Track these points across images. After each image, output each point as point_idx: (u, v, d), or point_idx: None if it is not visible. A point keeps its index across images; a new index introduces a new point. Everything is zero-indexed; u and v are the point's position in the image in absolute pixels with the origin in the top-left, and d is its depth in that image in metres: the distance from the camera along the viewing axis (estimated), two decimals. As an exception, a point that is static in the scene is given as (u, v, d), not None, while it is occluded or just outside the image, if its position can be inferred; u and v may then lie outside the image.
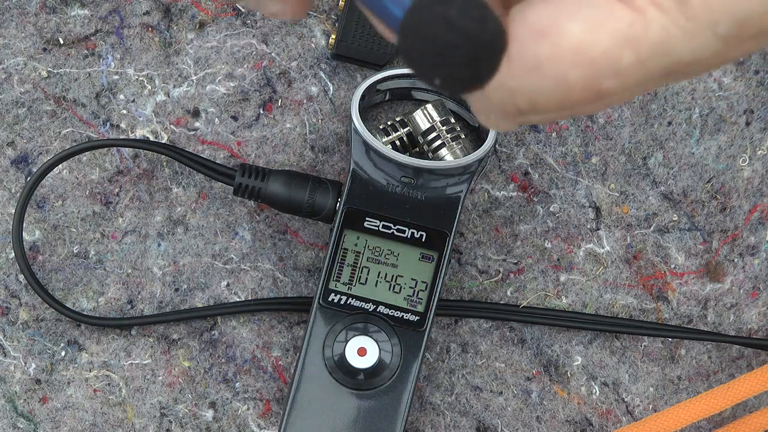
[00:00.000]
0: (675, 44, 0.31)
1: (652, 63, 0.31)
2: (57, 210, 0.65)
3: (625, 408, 0.65)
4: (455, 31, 0.30)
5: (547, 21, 0.31)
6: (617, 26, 0.31)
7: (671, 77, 0.33)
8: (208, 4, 0.66)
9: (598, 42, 0.31)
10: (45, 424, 0.64)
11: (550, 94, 0.32)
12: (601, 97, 0.32)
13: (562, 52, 0.31)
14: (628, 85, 0.32)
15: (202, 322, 0.64)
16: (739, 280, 0.66)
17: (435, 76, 0.30)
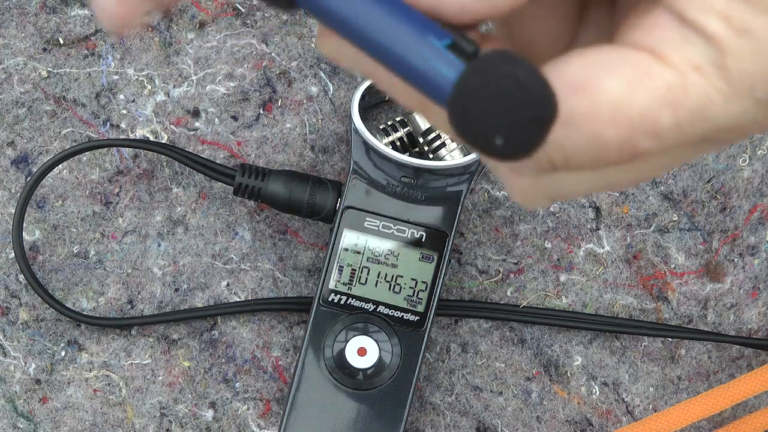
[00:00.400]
0: (714, 108, 0.31)
1: (690, 126, 0.31)
2: (57, 210, 0.65)
3: (625, 408, 0.65)
4: (524, 89, 0.29)
5: (584, 76, 0.31)
6: (656, 86, 0.30)
7: (708, 145, 0.33)
8: (208, 4, 0.66)
9: (636, 100, 0.30)
10: (45, 424, 0.64)
11: (585, 151, 0.31)
12: (636, 158, 0.31)
13: (599, 108, 0.30)
14: (665, 148, 0.31)
15: (202, 322, 0.64)
16: (739, 280, 0.66)
17: (497, 136, 0.29)
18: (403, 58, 0.31)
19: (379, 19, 0.31)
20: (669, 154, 0.33)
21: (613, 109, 0.30)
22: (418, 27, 0.31)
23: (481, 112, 0.29)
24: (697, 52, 0.30)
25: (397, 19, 0.31)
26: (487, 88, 0.29)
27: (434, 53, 0.31)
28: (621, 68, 0.31)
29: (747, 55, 0.30)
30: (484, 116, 0.29)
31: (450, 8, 0.31)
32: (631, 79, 0.30)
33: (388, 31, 0.31)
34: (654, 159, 0.33)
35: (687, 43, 0.30)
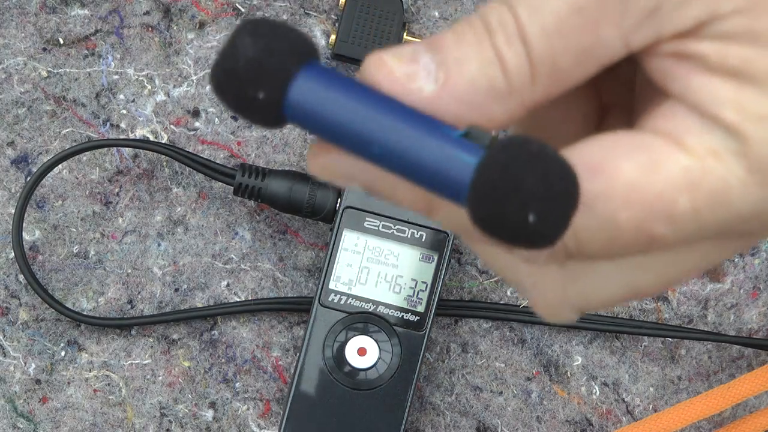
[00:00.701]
0: (733, 195, 0.30)
1: (708, 213, 0.30)
2: (57, 210, 0.65)
3: (625, 408, 0.65)
4: (555, 163, 0.28)
5: (600, 158, 0.30)
6: (673, 170, 0.30)
7: (733, 238, 0.32)
8: (208, 4, 0.66)
9: (652, 184, 0.30)
10: (45, 424, 0.64)
11: (598, 234, 0.30)
12: (651, 244, 0.30)
13: (615, 190, 0.30)
14: (682, 235, 0.30)
15: (202, 322, 0.65)
16: (739, 280, 0.66)
17: (531, 214, 0.28)
18: (413, 153, 0.30)
19: (383, 120, 0.30)
20: (693, 250, 0.32)
21: (628, 191, 0.30)
22: (425, 122, 0.30)
23: (511, 191, 0.28)
24: (715, 139, 0.30)
25: (402, 116, 0.30)
26: (517, 164, 0.28)
27: (450, 143, 0.30)
28: (638, 151, 0.30)
29: (766, 142, 0.30)
30: (514, 194, 0.28)
31: (446, 117, 0.30)
32: (648, 163, 0.30)
33: (395, 129, 0.30)
34: (680, 256, 0.32)
35: (706, 130, 0.30)
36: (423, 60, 0.30)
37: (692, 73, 0.30)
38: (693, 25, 0.30)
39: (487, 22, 0.30)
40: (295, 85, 0.30)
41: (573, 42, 0.30)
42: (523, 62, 0.30)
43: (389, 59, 0.31)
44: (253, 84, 0.30)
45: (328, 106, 0.30)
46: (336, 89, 0.30)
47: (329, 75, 0.30)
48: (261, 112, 0.30)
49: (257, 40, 0.30)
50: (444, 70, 0.30)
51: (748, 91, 0.30)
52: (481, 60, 0.30)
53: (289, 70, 0.30)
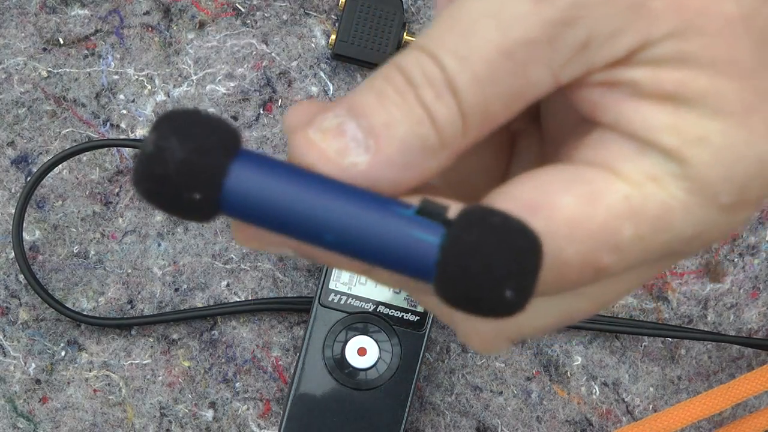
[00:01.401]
0: (676, 218, 0.30)
1: (652, 238, 0.30)
2: (57, 210, 0.65)
3: (625, 408, 0.65)
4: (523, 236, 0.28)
5: (537, 196, 0.29)
6: (614, 199, 0.29)
7: (672, 257, 0.31)
8: (208, 4, 0.66)
9: (594, 215, 0.29)
10: (45, 424, 0.64)
11: (546, 273, 0.29)
12: (599, 277, 0.30)
13: (557, 226, 0.29)
14: (628, 262, 0.30)
15: (202, 322, 0.65)
16: (739, 280, 0.66)
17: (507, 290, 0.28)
18: (370, 239, 0.28)
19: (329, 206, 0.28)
20: (631, 273, 0.31)
21: (571, 225, 0.29)
22: (376, 203, 0.29)
23: (484, 273, 0.27)
24: (653, 164, 0.29)
25: (349, 199, 0.29)
26: (486, 244, 0.27)
27: (407, 224, 0.28)
28: (575, 185, 0.29)
29: (707, 163, 0.29)
30: (488, 275, 0.27)
31: (383, 186, 0.29)
32: (587, 195, 0.29)
33: (345, 214, 0.28)
34: (616, 280, 0.31)
35: (641, 156, 0.29)
36: (349, 130, 0.29)
37: (624, 101, 0.29)
38: (624, 55, 0.29)
39: (409, 76, 0.29)
40: (230, 181, 0.28)
41: (503, 86, 0.29)
42: (454, 115, 0.29)
43: (316, 137, 0.29)
44: (187, 187, 0.28)
45: (269, 197, 0.29)
46: (273, 178, 0.29)
47: (263, 163, 0.29)
48: (196, 211, 0.29)
49: (183, 139, 0.28)
50: (373, 136, 0.29)
51: (684, 114, 0.29)
52: (410, 120, 0.29)
53: (223, 167, 0.28)
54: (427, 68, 0.29)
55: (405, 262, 0.29)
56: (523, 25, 0.28)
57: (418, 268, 0.28)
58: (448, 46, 0.29)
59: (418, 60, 0.29)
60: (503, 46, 0.29)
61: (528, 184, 0.30)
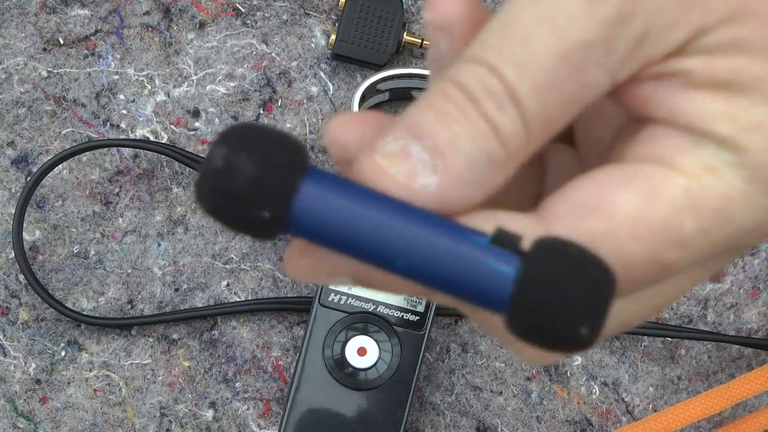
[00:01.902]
0: (737, 209, 0.29)
1: (715, 231, 0.29)
2: (57, 210, 0.65)
3: (625, 408, 0.65)
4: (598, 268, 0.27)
5: (596, 196, 0.29)
6: (674, 194, 0.29)
7: (735, 250, 0.31)
8: (208, 4, 0.66)
9: (656, 211, 0.29)
10: (45, 424, 0.64)
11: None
12: (664, 273, 0.29)
13: (618, 225, 0.29)
14: (693, 257, 0.29)
15: (202, 322, 0.65)
16: (739, 280, 0.66)
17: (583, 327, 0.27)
18: (443, 267, 0.28)
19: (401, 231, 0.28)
20: (697, 269, 0.31)
21: (633, 223, 0.29)
22: (449, 230, 0.28)
23: (562, 307, 0.27)
24: (710, 155, 0.29)
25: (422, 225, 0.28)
26: (563, 277, 0.27)
27: (481, 253, 0.28)
28: (633, 182, 0.29)
29: (764, 149, 0.29)
30: (566, 311, 0.27)
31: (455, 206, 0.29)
32: (646, 191, 0.29)
33: (418, 240, 0.28)
34: (683, 275, 0.31)
35: (698, 148, 0.29)
36: (414, 152, 0.29)
37: (677, 92, 0.29)
38: (679, 46, 0.29)
39: (468, 90, 0.29)
40: (300, 199, 0.28)
41: (563, 92, 0.29)
42: (518, 125, 0.28)
43: (383, 162, 0.29)
44: (256, 205, 0.27)
45: (339, 217, 0.28)
46: (344, 198, 0.28)
47: (333, 182, 0.28)
48: (263, 229, 0.28)
49: (253, 155, 0.27)
50: (439, 157, 0.29)
51: (739, 101, 0.29)
52: (474, 135, 0.29)
53: (293, 185, 0.28)
54: (486, 80, 0.28)
55: (478, 292, 0.28)
56: (579, 27, 0.28)
57: (491, 299, 0.28)
58: (505, 56, 0.28)
59: (476, 72, 0.29)
60: (561, 50, 0.28)
61: (585, 185, 0.29)
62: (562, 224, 0.29)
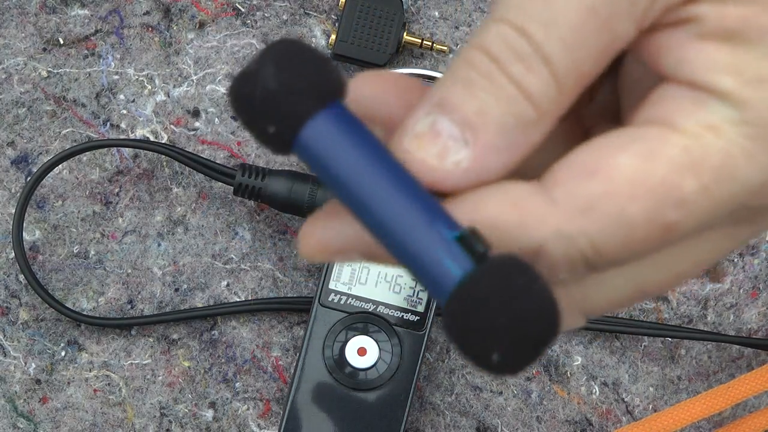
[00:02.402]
0: (738, 166, 0.28)
1: (717, 189, 0.29)
2: (57, 210, 0.65)
3: (625, 408, 0.65)
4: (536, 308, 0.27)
5: (595, 160, 0.29)
6: (672, 153, 0.28)
7: (750, 217, 0.30)
8: (208, 4, 0.66)
9: (654, 171, 0.28)
10: (45, 424, 0.64)
11: (612, 234, 0.29)
12: (668, 234, 0.29)
13: (617, 186, 0.28)
14: (697, 218, 0.29)
15: (202, 322, 0.65)
16: (739, 280, 0.66)
17: (495, 353, 0.27)
18: (406, 242, 0.28)
19: (384, 189, 0.28)
20: (702, 241, 0.31)
21: (632, 183, 0.28)
22: (428, 209, 0.28)
23: (483, 324, 0.27)
24: (712, 112, 0.29)
25: (407, 193, 0.28)
26: (496, 300, 0.27)
27: (441, 245, 0.28)
28: (633, 145, 0.29)
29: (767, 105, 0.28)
30: (486, 329, 0.27)
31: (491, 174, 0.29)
32: (644, 152, 0.29)
33: (394, 209, 0.28)
34: (690, 245, 0.31)
35: (700, 107, 0.29)
36: (444, 129, 0.29)
37: (686, 42, 0.29)
38: None
39: (493, 54, 0.29)
40: (307, 129, 0.28)
41: (592, 46, 0.28)
42: (548, 84, 0.28)
43: (412, 145, 0.29)
44: (265, 117, 0.28)
45: (335, 159, 0.28)
46: (349, 144, 0.28)
47: (348, 126, 0.29)
48: (270, 142, 0.29)
49: (281, 72, 0.28)
50: (469, 129, 0.29)
51: (745, 53, 0.28)
52: (502, 100, 0.28)
53: (304, 114, 0.28)
54: (512, 42, 0.28)
55: (427, 278, 0.28)
56: None
57: (435, 289, 0.28)
58: (530, 14, 0.28)
59: (501, 34, 0.28)
60: (586, 4, 0.28)
61: (586, 151, 0.29)
62: (561, 189, 0.29)
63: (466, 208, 0.29)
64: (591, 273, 0.30)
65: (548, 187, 0.29)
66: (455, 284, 0.28)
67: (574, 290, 0.31)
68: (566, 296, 0.31)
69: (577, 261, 0.29)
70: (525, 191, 0.29)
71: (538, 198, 0.29)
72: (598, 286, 0.31)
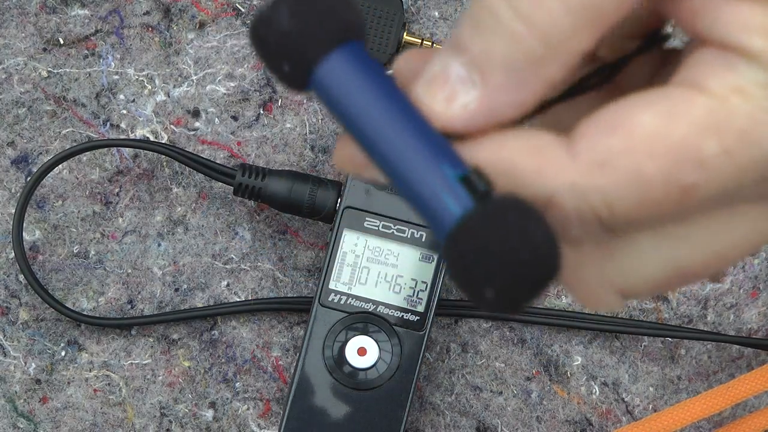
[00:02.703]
0: (764, 132, 0.28)
1: (740, 154, 0.28)
2: (57, 210, 0.65)
3: (625, 408, 0.65)
4: (531, 248, 0.27)
5: (619, 115, 0.28)
6: (696, 114, 0.28)
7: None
8: (208, 4, 0.66)
9: (675, 130, 0.28)
10: (45, 424, 0.64)
11: (627, 192, 0.28)
12: (686, 196, 0.28)
13: (636, 143, 0.28)
14: (718, 182, 0.28)
15: (202, 322, 0.65)
16: (739, 280, 0.66)
17: (489, 289, 0.28)
18: (410, 179, 0.29)
19: (392, 127, 0.29)
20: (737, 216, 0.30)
21: (651, 141, 0.28)
22: (434, 148, 0.29)
23: (478, 260, 0.27)
24: (740, 74, 0.28)
25: (414, 132, 0.29)
26: (492, 238, 0.27)
27: (444, 183, 0.28)
28: (657, 103, 0.28)
29: None
30: (481, 265, 0.28)
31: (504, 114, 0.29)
32: (668, 111, 0.28)
33: (401, 144, 0.29)
34: (721, 223, 0.30)
35: (729, 69, 0.28)
36: (453, 71, 0.29)
37: (721, 3, 0.28)
38: None
39: None
40: (321, 68, 0.29)
41: None
42: (557, 16, 0.28)
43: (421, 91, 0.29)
44: (279, 57, 0.29)
45: (347, 97, 0.29)
46: (362, 83, 0.29)
47: (362, 66, 0.29)
48: (286, 79, 0.30)
49: (294, 13, 0.29)
50: (475, 69, 0.29)
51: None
52: (507, 38, 0.28)
53: (315, 54, 0.29)
54: None
55: (429, 215, 0.29)
56: None
57: (436, 227, 0.29)
58: None
59: None
60: None
61: (614, 108, 0.29)
62: (583, 142, 0.29)
63: (486, 149, 0.29)
64: (609, 235, 0.30)
65: (571, 140, 0.29)
66: (454, 221, 0.28)
67: (607, 265, 0.31)
68: (600, 272, 0.31)
69: (589, 218, 0.29)
70: (547, 140, 0.29)
71: (559, 149, 0.29)
72: (632, 261, 0.31)
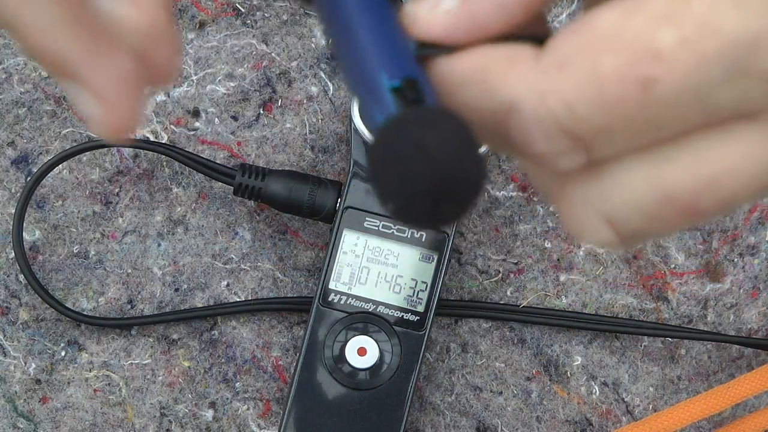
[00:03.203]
0: (724, 18, 0.26)
1: (700, 43, 0.27)
2: (57, 210, 0.65)
3: (625, 408, 0.65)
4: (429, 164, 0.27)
5: (587, 18, 0.28)
6: (654, 6, 0.27)
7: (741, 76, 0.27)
8: (208, 4, 0.66)
9: (631, 24, 0.27)
10: (45, 424, 0.64)
11: (585, 91, 0.27)
12: (647, 91, 0.27)
13: (593, 40, 0.28)
14: (679, 74, 0.27)
15: (202, 322, 0.65)
16: (739, 280, 0.66)
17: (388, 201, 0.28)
18: (354, 86, 0.30)
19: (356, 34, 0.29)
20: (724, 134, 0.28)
21: (607, 37, 0.27)
22: (384, 56, 0.29)
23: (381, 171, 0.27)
24: None
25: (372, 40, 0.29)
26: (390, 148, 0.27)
27: (376, 91, 0.29)
28: (622, 2, 0.28)
29: None
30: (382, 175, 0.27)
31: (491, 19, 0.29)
32: (628, 8, 0.27)
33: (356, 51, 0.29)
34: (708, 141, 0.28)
35: None
36: None
37: None
38: None
39: None
40: None
41: None
42: None
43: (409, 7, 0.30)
44: None
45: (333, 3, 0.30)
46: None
47: None
48: None
49: None
50: None
51: None
52: None
53: None
54: None
55: (370, 124, 0.29)
56: None
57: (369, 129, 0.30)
58: None
59: None
60: None
61: (589, 14, 0.29)
62: (550, 47, 0.29)
63: (465, 59, 0.29)
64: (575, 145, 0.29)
65: (547, 47, 0.29)
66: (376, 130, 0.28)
67: (593, 190, 0.30)
68: (583, 195, 0.30)
69: (549, 122, 0.28)
70: (525, 51, 0.29)
71: (530, 57, 0.29)
72: (616, 184, 0.29)
